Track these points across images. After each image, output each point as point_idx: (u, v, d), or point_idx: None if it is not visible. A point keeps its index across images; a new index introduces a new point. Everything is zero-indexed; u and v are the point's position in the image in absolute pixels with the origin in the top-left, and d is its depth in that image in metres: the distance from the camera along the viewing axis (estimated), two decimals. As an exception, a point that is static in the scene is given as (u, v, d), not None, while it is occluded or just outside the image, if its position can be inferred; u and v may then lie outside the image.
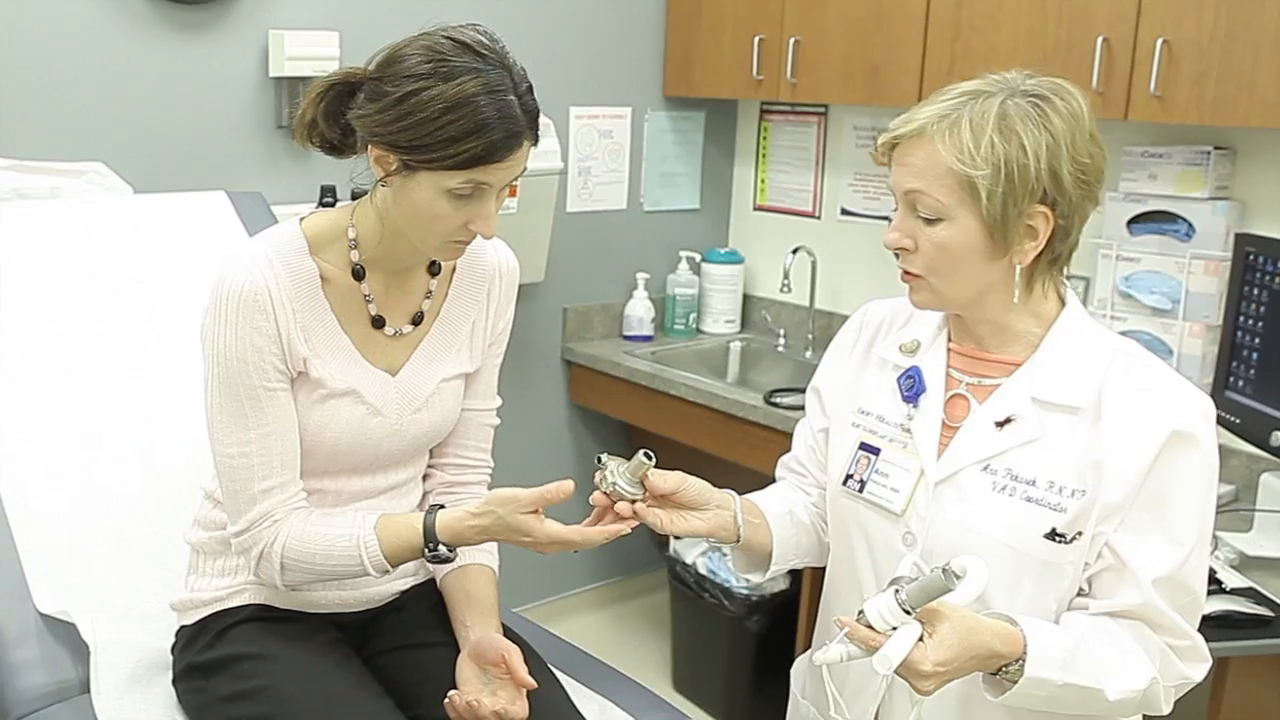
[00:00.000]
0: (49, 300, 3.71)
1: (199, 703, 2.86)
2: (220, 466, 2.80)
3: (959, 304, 2.56)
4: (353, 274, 2.82)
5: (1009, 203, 2.39)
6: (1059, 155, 2.40)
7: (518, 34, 3.14)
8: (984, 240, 2.43)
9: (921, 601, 2.27)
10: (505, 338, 3.10)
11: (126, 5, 4.60)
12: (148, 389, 3.68)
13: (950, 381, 2.66)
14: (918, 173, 2.45)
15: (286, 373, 2.75)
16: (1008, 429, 2.53)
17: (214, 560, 2.98)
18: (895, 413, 2.70)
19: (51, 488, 3.44)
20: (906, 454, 2.64)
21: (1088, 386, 2.49)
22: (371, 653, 2.98)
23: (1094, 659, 2.38)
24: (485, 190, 2.60)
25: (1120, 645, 2.42)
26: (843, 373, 2.89)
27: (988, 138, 2.37)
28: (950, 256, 2.46)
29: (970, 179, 2.38)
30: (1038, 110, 2.42)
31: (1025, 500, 2.49)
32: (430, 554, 2.72)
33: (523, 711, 2.66)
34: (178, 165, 4.79)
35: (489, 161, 2.54)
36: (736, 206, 6.58)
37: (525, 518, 2.62)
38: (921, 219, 2.47)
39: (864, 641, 2.29)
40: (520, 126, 2.57)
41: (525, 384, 5.94)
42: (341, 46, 4.96)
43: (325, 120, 2.72)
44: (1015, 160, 2.37)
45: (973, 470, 2.55)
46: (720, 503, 2.77)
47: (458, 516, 2.70)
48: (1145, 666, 2.40)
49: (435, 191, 2.57)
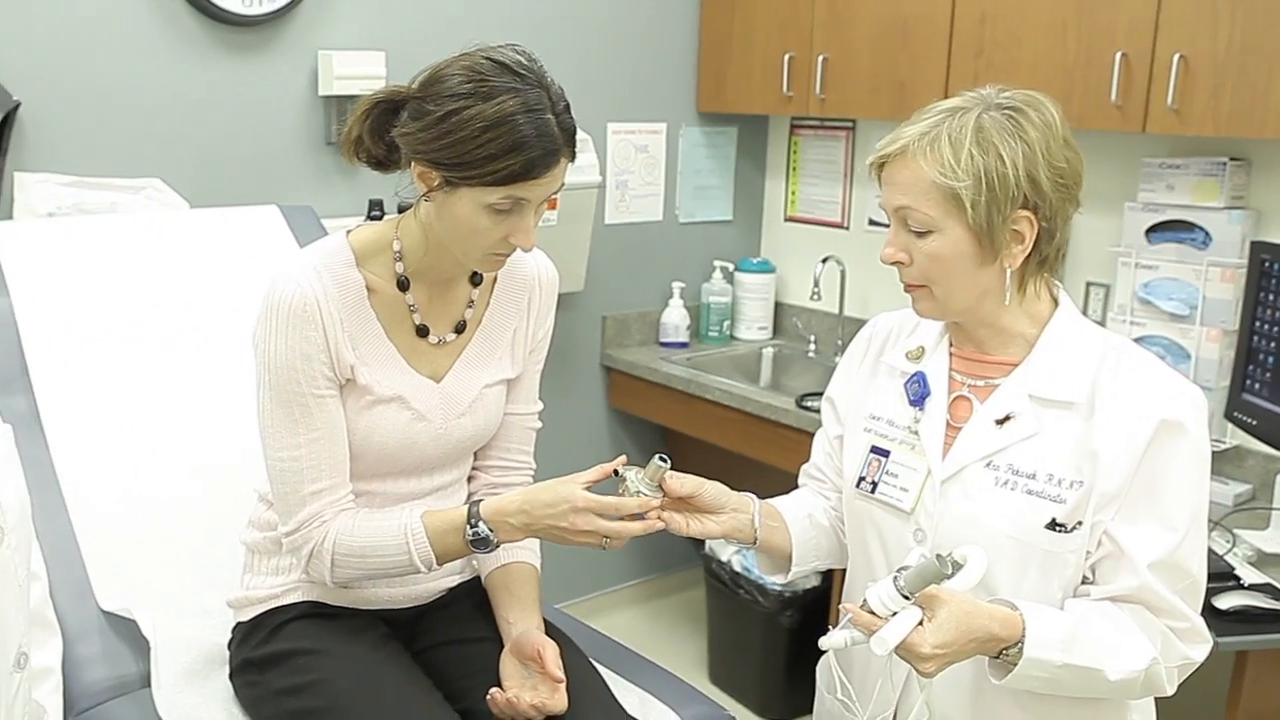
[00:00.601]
0: (109, 310, 3.72)
1: (255, 696, 2.88)
2: (272, 469, 2.81)
3: (959, 310, 2.58)
4: (398, 284, 2.83)
5: (993, 210, 2.43)
6: (1035, 162, 2.44)
7: (557, 54, 3.13)
8: (973, 247, 2.47)
9: (918, 587, 2.31)
10: (546, 344, 3.09)
11: (182, 28, 4.61)
12: (205, 395, 3.69)
13: (953, 384, 2.69)
14: (905, 189, 2.50)
15: (335, 380, 2.75)
16: (1007, 426, 2.56)
17: (268, 559, 2.99)
18: (903, 416, 2.72)
19: (112, 490, 3.45)
20: (914, 455, 2.67)
21: (1081, 382, 2.52)
22: (420, 648, 2.98)
23: (1094, 641, 2.39)
24: (524, 205, 2.60)
25: (1120, 627, 2.42)
26: (854, 382, 2.91)
27: (966, 151, 2.42)
28: (943, 265, 2.50)
29: (954, 191, 2.42)
30: (1012, 122, 2.46)
31: (1026, 493, 2.51)
32: (471, 530, 2.70)
33: (561, 704, 2.67)
34: (231, 180, 4.79)
35: (527, 178, 2.54)
36: (768, 218, 6.56)
37: (568, 483, 2.62)
38: (913, 233, 2.51)
39: (865, 626, 2.33)
40: (557, 144, 2.57)
41: (566, 389, 5.94)
42: (387, 66, 4.96)
43: (371, 137, 2.73)
44: (994, 170, 2.41)
45: (976, 467, 2.57)
46: (737, 505, 2.79)
47: (504, 500, 2.70)
48: (1146, 648, 2.41)
49: (476, 207, 2.58)
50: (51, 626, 2.59)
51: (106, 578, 3.28)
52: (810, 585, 5.19)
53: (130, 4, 4.48)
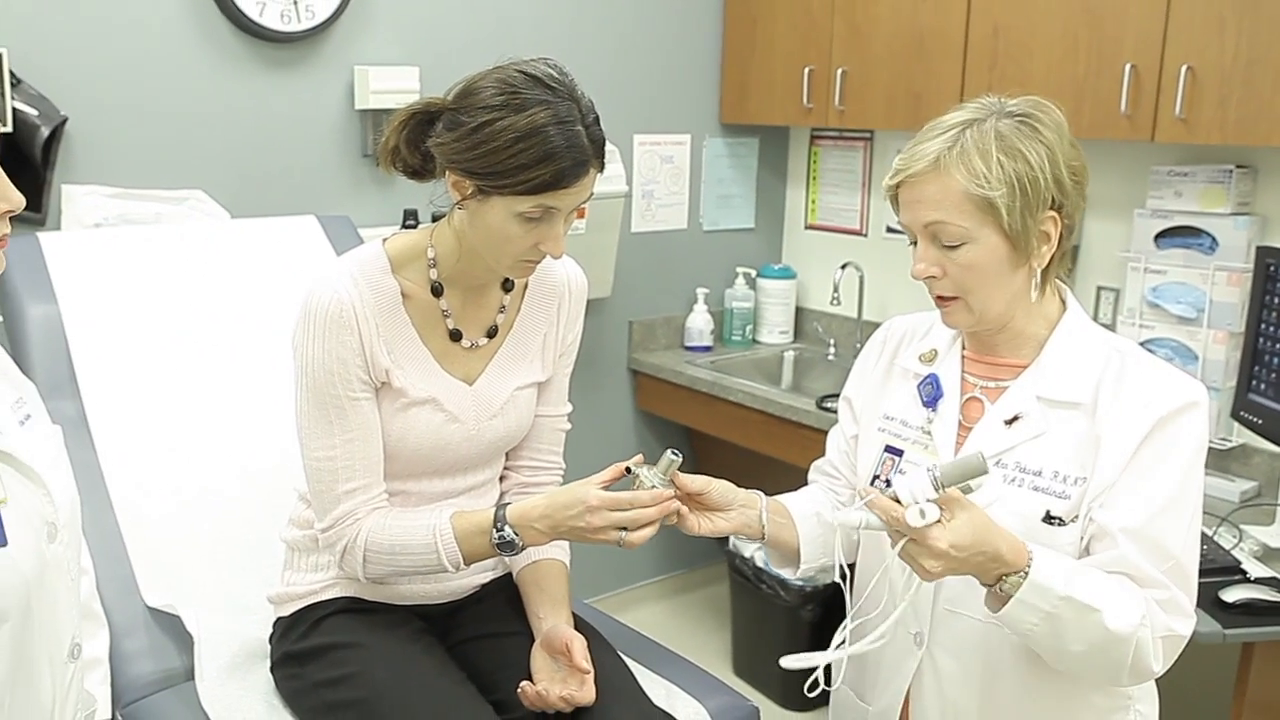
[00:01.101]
0: (154, 317, 3.73)
1: (295, 688, 2.88)
2: (308, 468, 2.83)
3: (994, 317, 2.55)
4: (432, 290, 2.83)
5: (1026, 214, 2.42)
6: (1057, 163, 2.45)
7: (586, 67, 3.13)
8: (1008, 252, 2.46)
9: (955, 480, 2.28)
10: (575, 349, 3.10)
11: (223, 45, 4.62)
12: (245, 398, 3.70)
13: (965, 386, 2.69)
14: (935, 205, 2.46)
15: (370, 383, 2.77)
16: (1016, 426, 2.56)
17: (307, 556, 3.00)
18: (916, 417, 2.72)
19: (157, 491, 3.47)
20: (927, 454, 2.66)
21: (1086, 384, 2.52)
22: (453, 642, 2.98)
23: (1095, 584, 2.36)
24: (554, 214, 2.61)
25: (1118, 582, 2.40)
26: (869, 383, 2.90)
27: (995, 159, 2.40)
28: (979, 274, 2.48)
29: (989, 199, 2.40)
30: (1028, 127, 2.46)
31: (1033, 490, 2.52)
32: (497, 534, 2.71)
33: (589, 696, 2.67)
34: (271, 191, 4.81)
35: (557, 188, 2.55)
36: (789, 225, 6.56)
37: (583, 485, 2.63)
38: (945, 247, 2.48)
39: (885, 511, 2.29)
40: (587, 155, 2.57)
41: (594, 392, 5.95)
42: (421, 80, 4.97)
43: (407, 147, 2.74)
44: (1025, 174, 2.41)
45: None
46: (745, 502, 2.78)
47: (528, 505, 2.70)
48: (1137, 604, 2.37)
49: (507, 215, 2.59)
50: (99, 619, 2.61)
51: (151, 575, 3.30)
52: (829, 580, 5.16)
53: (173, 22, 4.50)
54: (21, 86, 4.14)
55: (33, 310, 3.60)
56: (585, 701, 2.67)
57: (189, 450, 3.58)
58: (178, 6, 4.50)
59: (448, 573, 2.85)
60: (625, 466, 2.65)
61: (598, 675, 2.72)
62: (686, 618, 6.23)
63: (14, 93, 4.10)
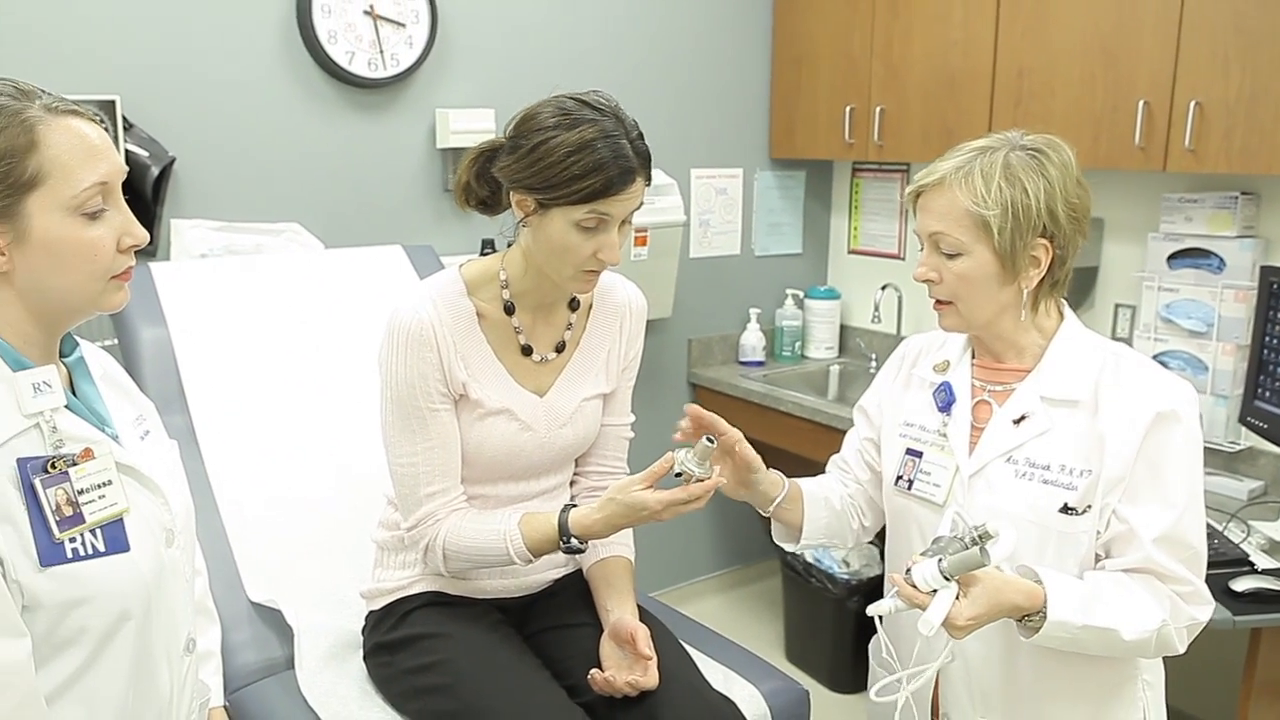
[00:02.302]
0: (255, 339, 3.77)
1: (386, 675, 2.92)
2: (393, 473, 2.87)
3: (980, 324, 2.63)
4: (504, 309, 2.87)
5: (1016, 236, 2.49)
6: (1055, 197, 2.50)
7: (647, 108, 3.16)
8: (997, 269, 2.53)
9: (959, 572, 2.34)
10: (636, 363, 3.12)
11: (317, 90, 4.66)
12: (338, 411, 3.73)
13: (975, 390, 2.74)
14: (939, 216, 2.55)
15: (449, 395, 2.80)
16: (1023, 425, 2.62)
17: (396, 555, 3.03)
18: (933, 421, 2.78)
19: (259, 495, 3.50)
20: (944, 455, 2.72)
21: (1085, 383, 2.58)
22: (529, 632, 3.00)
23: (1109, 605, 2.44)
24: (607, 221, 2.65)
25: (1132, 594, 2.46)
26: (889, 393, 2.97)
27: (996, 184, 2.48)
28: (970, 284, 2.56)
29: (984, 218, 2.48)
30: (1036, 161, 2.52)
31: (1042, 483, 2.57)
32: (564, 545, 2.76)
33: (653, 681, 2.69)
34: (361, 223, 4.84)
35: (607, 195, 2.59)
36: (833, 250, 6.54)
37: (639, 494, 2.65)
38: (944, 255, 2.57)
39: (909, 599, 2.38)
40: (632, 165, 2.62)
41: (656, 403, 5.90)
42: (496, 121, 4.99)
43: (476, 180, 2.81)
44: (1019, 202, 2.48)
45: (998, 462, 2.62)
46: (766, 483, 2.93)
47: (584, 513, 2.74)
48: (1155, 610, 2.45)
49: (566, 225, 2.63)
50: (212, 615, 2.63)
51: (255, 573, 3.33)
52: (874, 574, 5.20)
53: (271, 71, 4.55)
54: (134, 130, 4.19)
55: (145, 333, 3.64)
56: (649, 686, 2.69)
57: (288, 459, 3.61)
58: (275, 56, 4.55)
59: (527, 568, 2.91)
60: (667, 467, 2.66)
61: (660, 662, 2.74)
62: (742, 609, 6.22)
63: (127, 136, 4.15)
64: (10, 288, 1.95)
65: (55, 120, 1.93)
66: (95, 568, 1.95)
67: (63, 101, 1.97)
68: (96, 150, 1.96)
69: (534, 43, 5.25)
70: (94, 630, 1.96)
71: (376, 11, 4.67)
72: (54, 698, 1.94)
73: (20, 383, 1.95)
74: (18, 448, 1.91)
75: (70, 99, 1.99)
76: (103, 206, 1.96)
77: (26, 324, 1.98)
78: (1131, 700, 2.68)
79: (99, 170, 1.95)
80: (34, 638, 1.88)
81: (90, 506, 1.97)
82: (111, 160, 1.99)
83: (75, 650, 1.95)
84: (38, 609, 1.89)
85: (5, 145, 1.87)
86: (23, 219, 1.89)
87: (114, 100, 4.10)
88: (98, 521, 1.97)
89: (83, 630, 1.94)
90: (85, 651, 1.96)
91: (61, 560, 1.91)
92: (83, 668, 1.96)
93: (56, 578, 1.90)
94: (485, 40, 5.10)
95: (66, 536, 1.92)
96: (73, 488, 1.95)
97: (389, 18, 4.71)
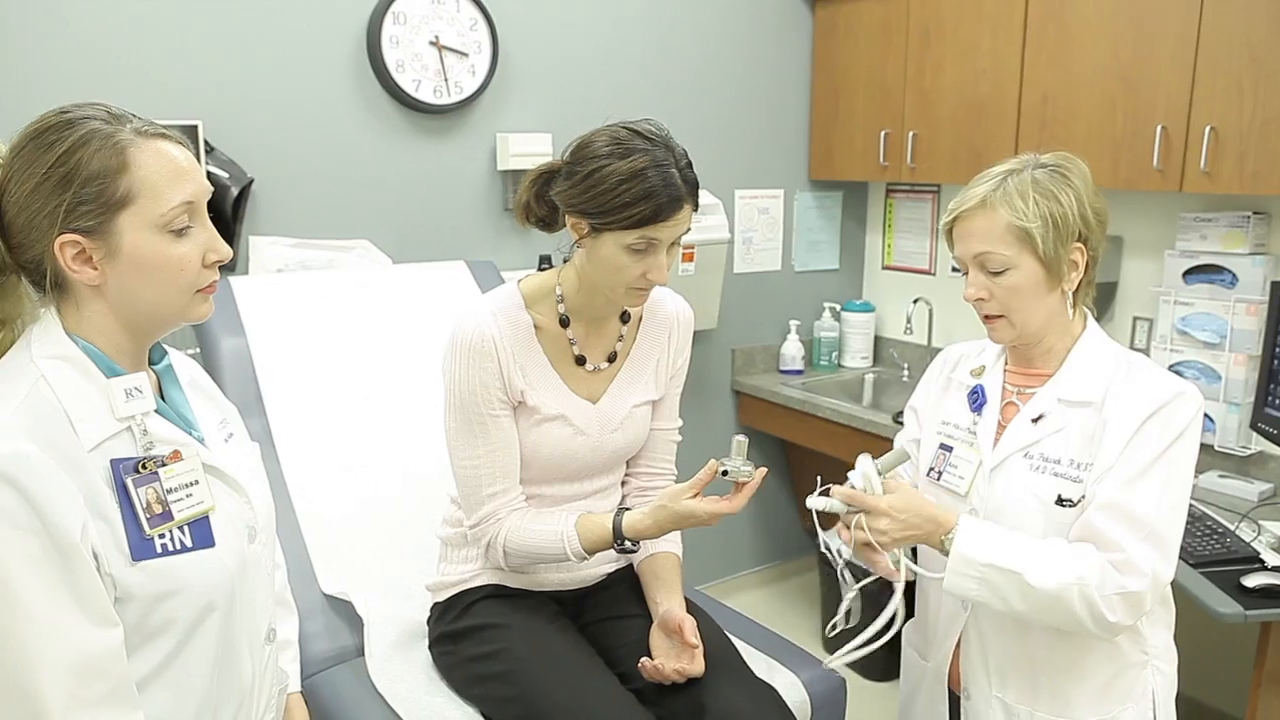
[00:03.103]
0: (328, 348, 3.80)
1: (450, 663, 2.93)
2: (456, 475, 2.89)
3: (1033, 331, 2.65)
4: (560, 322, 2.88)
5: (1057, 244, 2.54)
6: (1084, 204, 2.56)
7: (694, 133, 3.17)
8: (1043, 276, 2.57)
9: (889, 467, 2.64)
10: (684, 372, 3.12)
11: (386, 116, 4.69)
12: (405, 416, 3.75)
13: (1005, 393, 2.78)
14: (983, 237, 2.58)
15: (507, 402, 2.81)
16: (1040, 423, 2.66)
17: (459, 550, 3.04)
18: (965, 420, 2.82)
19: (332, 495, 3.52)
20: (971, 450, 2.76)
21: (1098, 386, 2.59)
22: (584, 623, 3.02)
23: (1020, 552, 2.50)
24: (656, 245, 2.65)
25: (1053, 549, 2.51)
26: (931, 396, 2.99)
27: (1032, 199, 2.53)
28: (1021, 295, 2.58)
29: (1027, 230, 2.52)
30: (1060, 175, 2.57)
31: (1054, 475, 2.60)
32: (618, 547, 2.79)
33: (699, 668, 2.72)
34: (426, 240, 4.87)
35: (657, 221, 2.60)
36: (868, 266, 6.53)
37: (688, 503, 2.67)
38: (991, 274, 2.59)
39: (842, 493, 2.63)
40: (681, 193, 2.62)
41: (702, 409, 5.96)
42: (553, 144, 5.02)
43: (535, 201, 2.82)
44: (1056, 212, 2.53)
45: (1016, 457, 2.67)
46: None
47: (637, 518, 2.77)
48: (1071, 567, 2.45)
49: (617, 248, 2.64)
50: (290, 607, 2.64)
51: (327, 567, 3.36)
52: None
53: (343, 98, 4.58)
54: (215, 153, 4.22)
55: (225, 343, 3.68)
56: (696, 673, 2.71)
57: (358, 460, 3.64)
58: (347, 84, 4.58)
59: (581, 563, 2.91)
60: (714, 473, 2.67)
61: (706, 651, 2.76)
62: (783, 602, 6.21)
63: (208, 158, 4.18)
64: (103, 300, 1.97)
65: (145, 143, 1.95)
66: (183, 562, 1.97)
67: (152, 125, 1.99)
68: (183, 171, 1.98)
69: (588, 72, 5.27)
70: (181, 620, 1.97)
71: (441, 42, 4.70)
72: (144, 683, 1.95)
73: (113, 389, 1.97)
74: (111, 449, 1.93)
75: (159, 123, 2.01)
76: (189, 225, 1.98)
77: (118, 334, 2.00)
78: (1140, 683, 2.68)
79: (185, 190, 1.96)
80: (126, 627, 1.89)
81: (178, 505, 1.98)
82: (197, 181, 2.01)
83: (164, 639, 1.96)
84: (129, 600, 1.90)
85: (98, 166, 1.89)
86: (114, 236, 1.91)
87: (196, 125, 4.14)
88: (185, 519, 1.99)
89: (171, 620, 1.96)
90: (173, 640, 1.97)
91: (152, 555, 1.93)
92: (171, 655, 1.98)
93: (147, 571, 1.92)
94: (543, 69, 5.13)
95: (156, 533, 1.94)
96: (162, 487, 1.97)
97: (453, 48, 4.73)
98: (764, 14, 5.84)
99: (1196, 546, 3.51)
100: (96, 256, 1.93)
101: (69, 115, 1.95)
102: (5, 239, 1.96)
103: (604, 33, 5.31)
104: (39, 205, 1.90)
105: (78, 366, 1.95)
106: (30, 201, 1.91)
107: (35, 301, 2.03)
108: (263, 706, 2.27)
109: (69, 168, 1.89)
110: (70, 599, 1.82)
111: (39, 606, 1.79)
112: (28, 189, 1.91)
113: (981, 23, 4.99)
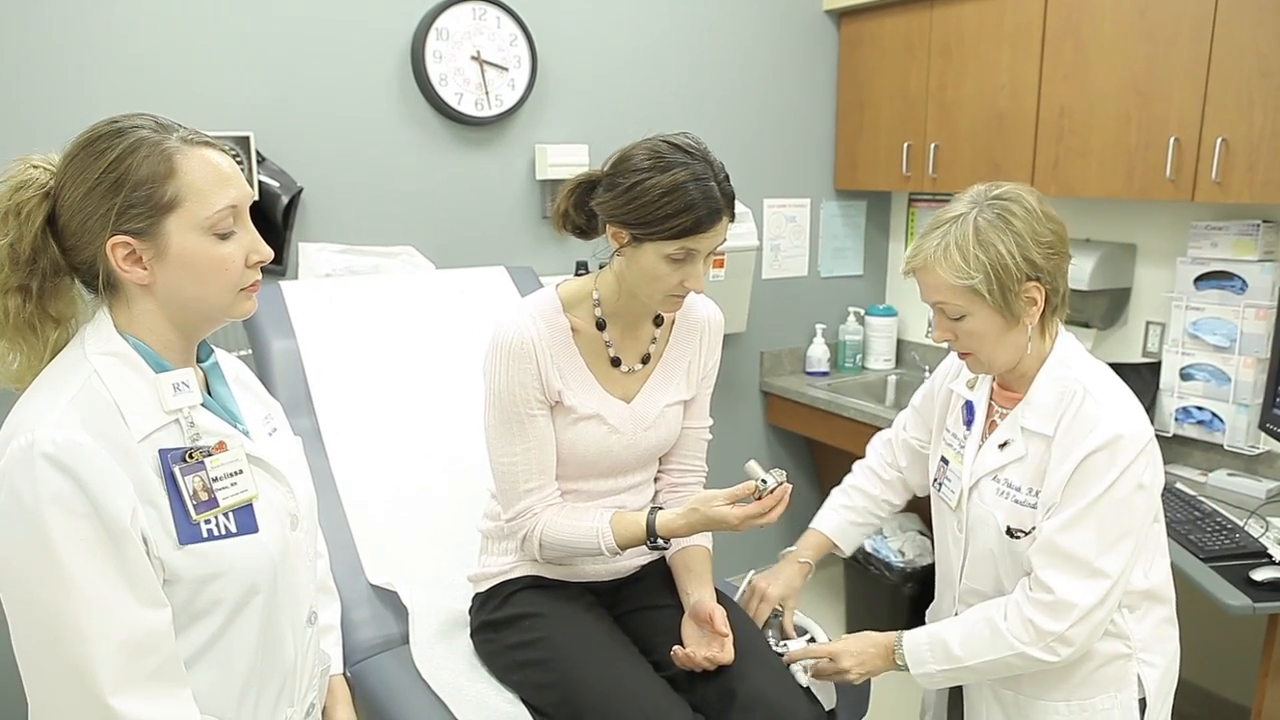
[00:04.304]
0: (373, 349, 3.80)
1: (491, 650, 2.93)
2: (495, 471, 2.88)
3: (1002, 365, 2.66)
4: (596, 325, 2.87)
5: (1006, 290, 2.52)
6: (1027, 247, 2.51)
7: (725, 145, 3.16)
8: (999, 320, 2.57)
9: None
10: (714, 373, 3.11)
11: (429, 128, 4.69)
12: (448, 414, 3.75)
13: (990, 410, 2.79)
14: (934, 290, 2.61)
15: (545, 402, 2.80)
16: (1005, 449, 2.69)
17: (499, 543, 3.03)
18: (960, 432, 2.85)
19: (377, 489, 3.52)
20: (961, 465, 2.79)
21: (1051, 418, 2.59)
22: (618, 613, 3.01)
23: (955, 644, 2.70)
24: (695, 255, 2.64)
25: (979, 626, 2.66)
26: (935, 399, 3.04)
27: (972, 254, 2.51)
28: (980, 338, 2.60)
29: (971, 286, 2.51)
30: (1002, 220, 2.53)
31: (1014, 503, 2.65)
32: (651, 545, 2.79)
33: (729, 656, 2.70)
34: (468, 247, 4.87)
35: (696, 233, 2.58)
36: (891, 272, 6.53)
37: (720, 509, 2.66)
38: (951, 319, 2.60)
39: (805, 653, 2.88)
40: (719, 206, 2.60)
41: (732, 409, 5.96)
42: (590, 155, 5.02)
43: (575, 209, 2.79)
44: (997, 262, 2.50)
45: (986, 480, 2.71)
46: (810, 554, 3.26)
47: (670, 517, 2.76)
48: (1002, 639, 2.59)
49: (657, 257, 2.62)
50: (332, 592, 2.65)
51: (373, 558, 3.35)
52: (926, 563, 5.20)
53: (389, 110, 4.59)
54: (266, 163, 4.23)
55: (276, 344, 3.68)
56: (725, 661, 2.70)
57: (403, 456, 3.63)
58: (392, 97, 4.59)
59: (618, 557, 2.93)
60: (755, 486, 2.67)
61: (736, 639, 2.75)
62: (808, 593, 6.17)
63: (260, 168, 4.19)
64: (152, 298, 1.98)
65: (191, 150, 1.96)
66: (228, 546, 1.98)
67: (197, 134, 2.00)
68: (227, 177, 1.99)
69: (623, 87, 5.27)
70: (226, 602, 1.98)
71: (483, 57, 4.70)
72: (191, 661, 1.96)
73: (162, 383, 1.98)
74: (160, 440, 1.94)
75: (205, 133, 2.02)
76: (232, 229, 2.00)
77: (167, 331, 2.01)
78: (1126, 673, 2.69)
79: (229, 195, 1.98)
80: (174, 608, 1.91)
81: (223, 492, 1.99)
82: (240, 186, 2.02)
83: (210, 619, 1.97)
84: (177, 582, 1.91)
85: (147, 172, 1.91)
86: (162, 237, 1.92)
87: (249, 136, 4.14)
88: (230, 506, 2.00)
89: (217, 602, 1.97)
90: (219, 621, 1.98)
91: (198, 539, 1.94)
92: (216, 635, 1.99)
93: (193, 554, 1.92)
94: (580, 83, 5.12)
95: (202, 519, 1.95)
96: (208, 475, 1.98)
97: (494, 63, 4.73)
98: (791, 30, 5.84)
99: (1207, 542, 3.49)
100: (146, 257, 1.94)
101: (119, 124, 1.97)
102: (60, 242, 1.98)
103: (638, 49, 5.30)
104: (91, 209, 1.92)
105: (128, 362, 1.97)
106: (83, 205, 1.92)
107: (88, 302, 2.05)
108: (305, 685, 2.28)
109: (120, 173, 1.91)
110: (121, 580, 1.83)
111: (91, 587, 1.80)
112: (80, 194, 1.92)
113: (1001, 38, 4.97)
